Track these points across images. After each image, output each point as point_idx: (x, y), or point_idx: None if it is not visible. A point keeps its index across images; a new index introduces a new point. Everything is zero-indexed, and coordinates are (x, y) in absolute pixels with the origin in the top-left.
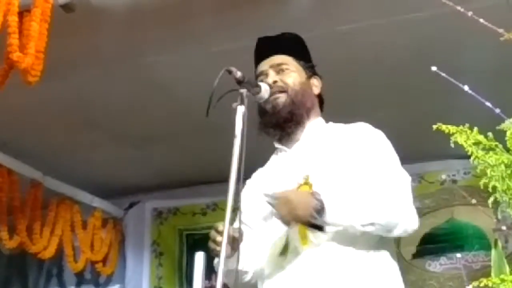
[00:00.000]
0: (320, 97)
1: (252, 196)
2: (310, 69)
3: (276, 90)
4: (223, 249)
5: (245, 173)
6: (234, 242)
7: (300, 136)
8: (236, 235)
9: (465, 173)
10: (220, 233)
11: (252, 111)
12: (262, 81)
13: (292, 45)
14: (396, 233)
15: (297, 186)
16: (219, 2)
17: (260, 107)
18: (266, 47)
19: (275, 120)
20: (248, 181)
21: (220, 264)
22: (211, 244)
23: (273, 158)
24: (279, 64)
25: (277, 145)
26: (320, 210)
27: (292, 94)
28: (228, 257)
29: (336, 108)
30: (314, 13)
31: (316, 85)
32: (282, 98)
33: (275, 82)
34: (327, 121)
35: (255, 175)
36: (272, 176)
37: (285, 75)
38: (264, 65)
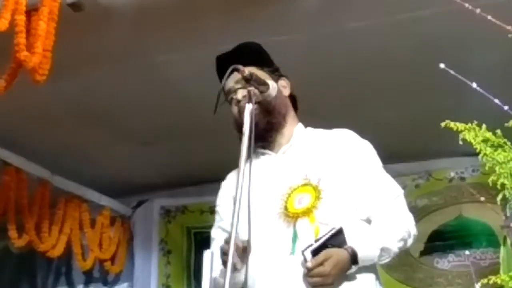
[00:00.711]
0: (292, 96)
1: (229, 201)
2: (275, 72)
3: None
4: (230, 256)
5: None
6: (244, 255)
7: (285, 140)
8: (245, 246)
9: (473, 171)
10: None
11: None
12: (232, 98)
13: (251, 55)
14: (408, 246)
15: (296, 187)
16: (227, 1)
17: (236, 121)
18: (227, 64)
19: (256, 134)
20: (223, 183)
21: (229, 259)
22: (224, 257)
23: (255, 161)
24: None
25: (259, 150)
26: (354, 261)
27: (264, 103)
28: (237, 269)
29: (344, 106)
30: (320, 12)
31: (284, 85)
32: (256, 110)
33: (244, 96)
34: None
35: (230, 177)
36: (260, 179)
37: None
38: (230, 82)
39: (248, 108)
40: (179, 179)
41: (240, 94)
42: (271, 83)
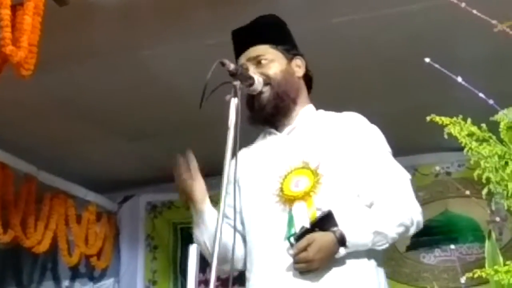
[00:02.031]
0: (307, 76)
1: (238, 181)
2: (291, 51)
3: None
4: (217, 243)
5: None
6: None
7: (292, 121)
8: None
9: (459, 166)
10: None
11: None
12: None
13: (267, 32)
14: (411, 233)
15: (294, 169)
16: None
17: (248, 101)
18: (241, 40)
19: (262, 117)
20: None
21: (214, 255)
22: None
23: (261, 140)
24: (256, 57)
25: (267, 128)
26: (343, 245)
27: (276, 86)
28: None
29: (329, 101)
30: (308, 6)
31: (299, 65)
32: (266, 93)
33: (254, 73)
34: (317, 109)
35: (240, 156)
36: (262, 158)
37: (264, 67)
38: (242, 59)
39: (234, 102)
40: (165, 174)
41: (250, 72)
42: (256, 77)
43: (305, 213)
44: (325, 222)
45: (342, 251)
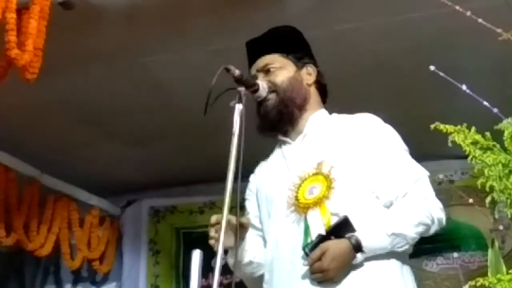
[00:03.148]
0: (319, 83)
1: (256, 194)
2: (302, 60)
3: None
4: (221, 245)
5: (243, 172)
6: (241, 232)
7: (303, 128)
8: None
9: (462, 173)
10: (214, 225)
11: (251, 109)
12: None
13: (277, 42)
14: (433, 231)
15: (308, 176)
16: (218, 1)
17: (257, 110)
18: (253, 51)
19: (267, 123)
20: (251, 178)
21: (217, 260)
22: (211, 241)
23: (277, 151)
24: (264, 66)
25: (280, 137)
26: (359, 250)
27: (281, 93)
28: (236, 247)
29: (331, 108)
30: (312, 12)
31: (310, 73)
32: (271, 100)
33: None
34: (330, 113)
35: (258, 170)
36: (277, 168)
37: (272, 75)
38: (253, 70)
39: (238, 108)
40: (168, 179)
41: (259, 80)
42: (261, 83)
43: (319, 220)
44: (341, 228)
45: (359, 257)
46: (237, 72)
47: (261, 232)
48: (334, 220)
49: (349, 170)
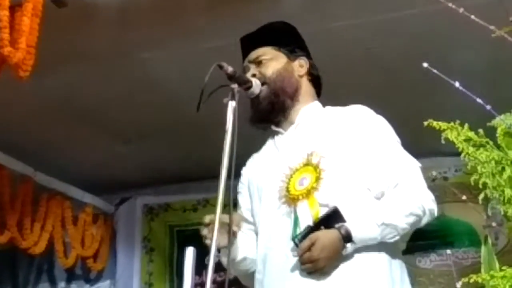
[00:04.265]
0: (312, 75)
1: (248, 187)
2: (294, 52)
3: None
4: (214, 243)
5: (236, 169)
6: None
7: (294, 119)
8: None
9: (456, 170)
10: (207, 225)
11: (245, 106)
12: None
13: (269, 35)
14: (424, 222)
15: (299, 166)
16: None
17: (251, 104)
18: (246, 45)
19: (259, 114)
20: (243, 170)
21: (211, 258)
22: (207, 241)
23: (269, 142)
24: (256, 58)
25: (273, 128)
26: (349, 241)
27: (272, 84)
28: (231, 245)
29: (326, 104)
30: (305, 10)
31: (302, 65)
32: (263, 91)
33: (253, 75)
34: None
35: (249, 162)
36: (269, 159)
37: (263, 66)
38: (245, 62)
39: (231, 105)
40: (162, 176)
41: (250, 72)
42: (254, 80)
43: (308, 212)
44: (331, 219)
45: (349, 247)
46: (230, 69)
47: (253, 226)
48: (323, 212)
49: (339, 160)
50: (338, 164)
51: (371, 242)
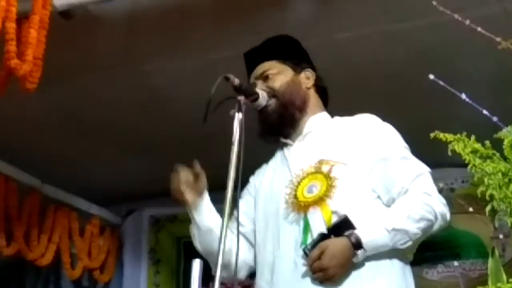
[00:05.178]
0: (318, 87)
1: (255, 197)
2: (299, 65)
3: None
4: (220, 257)
5: (243, 180)
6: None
7: (302, 129)
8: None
9: (463, 182)
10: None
11: (251, 117)
12: None
13: (275, 49)
14: (436, 228)
15: (307, 174)
16: (217, 10)
17: (258, 118)
18: (250, 60)
19: (268, 128)
20: (251, 178)
21: (217, 270)
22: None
23: (279, 153)
24: (263, 73)
25: (282, 140)
26: (359, 248)
27: (281, 97)
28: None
29: (333, 115)
30: (313, 21)
31: (308, 77)
32: (272, 105)
33: (262, 90)
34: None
35: (258, 171)
36: (278, 169)
37: (270, 80)
38: (252, 78)
39: (238, 117)
40: (169, 188)
41: (258, 87)
42: (260, 92)
43: (320, 219)
44: (341, 227)
45: (360, 254)
46: (236, 81)
47: (245, 229)
48: (335, 218)
49: (349, 169)
50: (349, 172)
51: (382, 249)
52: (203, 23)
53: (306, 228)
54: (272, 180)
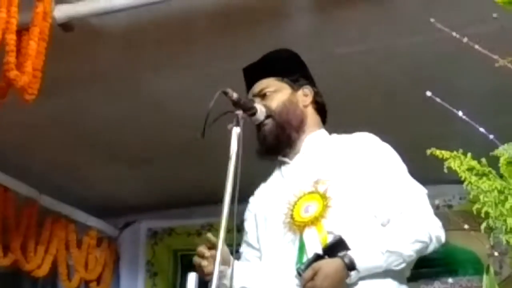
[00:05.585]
0: (317, 103)
1: (255, 215)
2: (297, 82)
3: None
4: (216, 270)
5: (240, 194)
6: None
7: (300, 148)
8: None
9: (460, 198)
10: (202, 257)
11: (249, 132)
12: None
13: (272, 66)
14: (429, 251)
15: (304, 194)
16: (216, 24)
17: (257, 133)
18: (249, 76)
19: (265, 149)
20: (251, 199)
21: (214, 282)
22: (198, 271)
23: (276, 172)
24: (261, 91)
25: (279, 158)
26: (353, 269)
27: (277, 117)
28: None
29: (329, 131)
30: (310, 36)
31: (306, 94)
32: (268, 125)
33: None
34: (330, 133)
35: (258, 192)
36: (276, 188)
37: (267, 99)
38: (250, 95)
39: (235, 131)
40: (166, 201)
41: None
42: (259, 107)
43: (316, 239)
44: (335, 248)
45: (353, 275)
46: (235, 95)
47: (258, 252)
48: (330, 239)
49: (345, 188)
50: (345, 192)
51: (376, 270)
52: (202, 36)
53: (302, 248)
54: (270, 200)
